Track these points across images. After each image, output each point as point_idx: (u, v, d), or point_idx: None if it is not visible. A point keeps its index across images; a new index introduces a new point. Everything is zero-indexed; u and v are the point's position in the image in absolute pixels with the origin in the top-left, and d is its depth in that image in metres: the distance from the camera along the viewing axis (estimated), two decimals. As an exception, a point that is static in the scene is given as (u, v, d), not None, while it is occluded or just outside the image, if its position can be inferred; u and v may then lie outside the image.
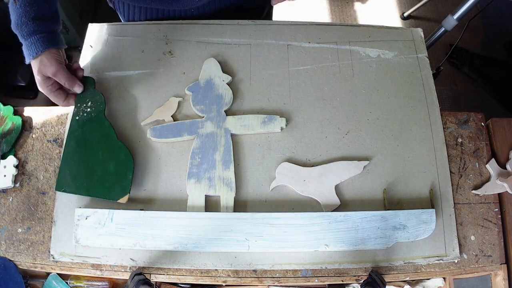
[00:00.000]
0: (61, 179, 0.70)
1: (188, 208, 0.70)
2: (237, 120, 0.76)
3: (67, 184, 0.69)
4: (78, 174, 0.70)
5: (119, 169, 0.70)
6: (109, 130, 0.72)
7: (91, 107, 0.74)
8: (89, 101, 0.74)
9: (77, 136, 0.72)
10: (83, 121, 0.73)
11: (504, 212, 0.74)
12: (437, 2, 2.11)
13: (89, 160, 0.71)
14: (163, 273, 0.69)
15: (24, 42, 0.68)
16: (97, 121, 0.73)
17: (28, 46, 0.68)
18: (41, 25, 0.68)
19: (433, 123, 0.78)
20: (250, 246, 0.67)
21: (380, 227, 0.68)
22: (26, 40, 0.68)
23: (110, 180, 0.70)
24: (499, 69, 1.87)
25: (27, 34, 0.67)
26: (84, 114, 0.74)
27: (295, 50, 0.84)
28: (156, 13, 0.89)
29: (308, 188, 0.72)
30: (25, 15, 0.67)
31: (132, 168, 0.71)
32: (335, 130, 0.77)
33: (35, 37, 0.67)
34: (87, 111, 0.74)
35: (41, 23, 0.68)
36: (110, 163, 0.70)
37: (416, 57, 0.84)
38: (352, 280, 0.70)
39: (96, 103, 0.74)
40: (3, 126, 0.77)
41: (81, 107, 0.74)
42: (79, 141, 0.72)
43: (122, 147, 0.71)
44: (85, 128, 0.73)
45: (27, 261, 0.70)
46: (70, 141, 0.72)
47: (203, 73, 0.80)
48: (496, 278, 0.72)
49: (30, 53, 0.68)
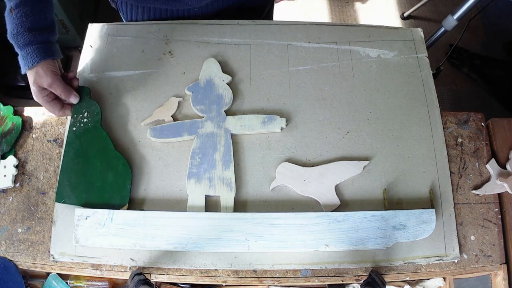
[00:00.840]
0: (60, 191, 0.70)
1: (188, 208, 0.70)
2: (237, 120, 0.76)
3: (67, 195, 0.70)
4: (77, 185, 0.70)
5: (118, 179, 0.71)
6: (106, 141, 0.73)
7: (88, 117, 0.75)
8: (85, 111, 0.75)
9: (75, 147, 0.73)
10: (80, 132, 0.74)
11: (504, 212, 0.74)
12: (437, 2, 2.11)
13: (88, 171, 0.71)
14: (163, 273, 0.69)
15: (20, 52, 0.68)
16: (94, 131, 0.74)
17: (24, 57, 0.68)
18: (37, 35, 0.68)
19: (433, 123, 0.78)
20: (250, 246, 0.67)
21: (380, 227, 0.68)
22: (22, 50, 0.68)
23: (109, 191, 0.70)
24: (499, 69, 1.87)
25: (23, 44, 0.67)
26: (81, 125, 0.74)
27: (295, 50, 0.84)
28: (159, 13, 0.89)
29: (308, 188, 0.72)
30: (21, 25, 0.67)
31: (131, 178, 0.71)
32: (335, 130, 0.77)
33: (31, 48, 0.67)
34: (83, 121, 0.74)
35: (37, 33, 0.68)
36: (109, 174, 0.71)
37: (416, 57, 0.84)
38: (352, 280, 0.70)
39: (93, 113, 0.75)
40: (3, 126, 0.77)
41: (77, 117, 0.74)
42: (77, 152, 0.72)
43: (120, 157, 0.72)
44: (83, 139, 0.73)
45: (27, 261, 0.70)
46: (68, 152, 0.73)
47: (203, 73, 0.80)
48: (496, 278, 0.72)
49: (26, 64, 0.68)
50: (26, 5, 0.67)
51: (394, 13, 2.11)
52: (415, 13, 2.06)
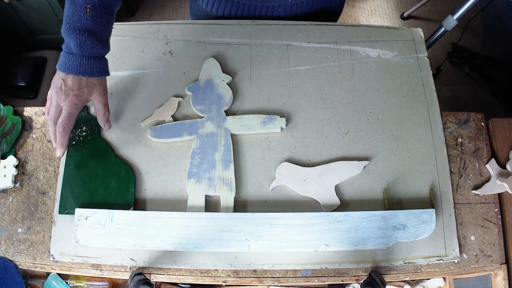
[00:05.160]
0: (63, 203, 0.70)
1: (188, 208, 0.70)
2: (237, 120, 0.76)
3: (70, 206, 0.70)
4: (80, 195, 0.71)
5: (121, 184, 0.71)
6: (106, 150, 0.74)
7: (86, 131, 0.75)
8: (83, 126, 0.76)
9: (75, 160, 0.73)
10: (79, 145, 0.74)
11: (504, 212, 0.74)
12: (437, 2, 2.11)
13: (90, 180, 0.72)
14: (163, 273, 0.69)
15: (78, 53, 0.65)
16: (94, 143, 0.74)
17: (84, 64, 0.66)
18: (105, 48, 0.69)
19: (433, 123, 0.78)
20: (250, 246, 0.67)
21: (380, 227, 0.68)
22: (83, 55, 0.65)
23: (114, 196, 0.71)
24: (500, 69, 1.87)
25: (89, 50, 0.66)
26: (80, 139, 0.75)
27: (295, 50, 0.84)
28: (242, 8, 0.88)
29: (308, 188, 0.72)
30: (93, 30, 0.65)
31: (134, 182, 0.72)
32: (335, 130, 0.77)
33: (97, 60, 0.67)
34: (82, 135, 0.75)
35: (105, 46, 0.69)
36: (112, 180, 0.71)
37: (416, 57, 0.84)
38: (352, 280, 0.70)
39: (91, 127, 0.75)
40: (3, 126, 0.77)
41: (76, 132, 0.75)
42: (78, 164, 0.73)
43: (122, 163, 0.73)
44: (83, 151, 0.74)
45: (27, 261, 0.70)
46: (69, 165, 0.73)
47: (203, 73, 0.80)
48: (496, 278, 0.72)
49: (85, 70, 0.66)
50: (104, 12, 0.66)
51: (394, 13, 2.11)
52: (415, 13, 2.06)
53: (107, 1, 0.66)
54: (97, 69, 0.68)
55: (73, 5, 0.64)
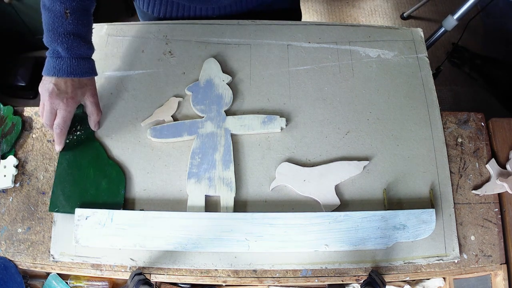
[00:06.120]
0: (54, 200, 0.70)
1: (188, 208, 0.70)
2: (237, 120, 0.76)
3: (60, 204, 0.70)
4: (71, 193, 0.71)
5: (112, 186, 0.71)
6: (99, 150, 0.74)
7: (80, 130, 0.76)
8: (78, 125, 0.76)
9: (68, 158, 0.73)
10: (73, 144, 0.74)
11: (504, 212, 0.74)
12: (437, 2, 2.11)
13: (81, 180, 0.72)
14: (163, 273, 0.69)
15: (66, 55, 0.66)
16: (87, 142, 0.75)
17: (74, 65, 0.67)
18: (91, 49, 0.70)
19: (433, 123, 0.78)
20: (250, 246, 0.67)
21: (380, 227, 0.68)
22: (72, 57, 0.66)
23: (104, 197, 0.71)
24: (500, 69, 1.87)
25: (75, 52, 0.67)
26: (74, 137, 0.75)
27: (295, 50, 0.84)
28: (182, 9, 0.89)
29: (308, 188, 0.72)
30: (77, 33, 0.66)
31: (124, 184, 0.72)
32: (335, 130, 0.77)
33: (85, 60, 0.68)
34: (76, 134, 0.75)
35: (91, 46, 0.70)
36: (103, 181, 0.72)
37: (416, 57, 0.84)
38: (352, 280, 0.70)
39: (85, 126, 0.76)
40: (3, 126, 0.77)
41: (70, 130, 0.75)
42: (70, 162, 0.73)
43: (113, 165, 0.73)
44: (76, 150, 0.74)
45: (27, 261, 0.70)
46: (62, 164, 0.73)
47: (203, 73, 0.80)
48: (496, 278, 0.72)
49: (75, 71, 0.67)
50: (83, 14, 0.67)
51: (394, 13, 2.11)
52: (415, 13, 2.06)
53: (84, 3, 0.68)
54: (87, 69, 0.69)
55: (51, 12, 0.65)
